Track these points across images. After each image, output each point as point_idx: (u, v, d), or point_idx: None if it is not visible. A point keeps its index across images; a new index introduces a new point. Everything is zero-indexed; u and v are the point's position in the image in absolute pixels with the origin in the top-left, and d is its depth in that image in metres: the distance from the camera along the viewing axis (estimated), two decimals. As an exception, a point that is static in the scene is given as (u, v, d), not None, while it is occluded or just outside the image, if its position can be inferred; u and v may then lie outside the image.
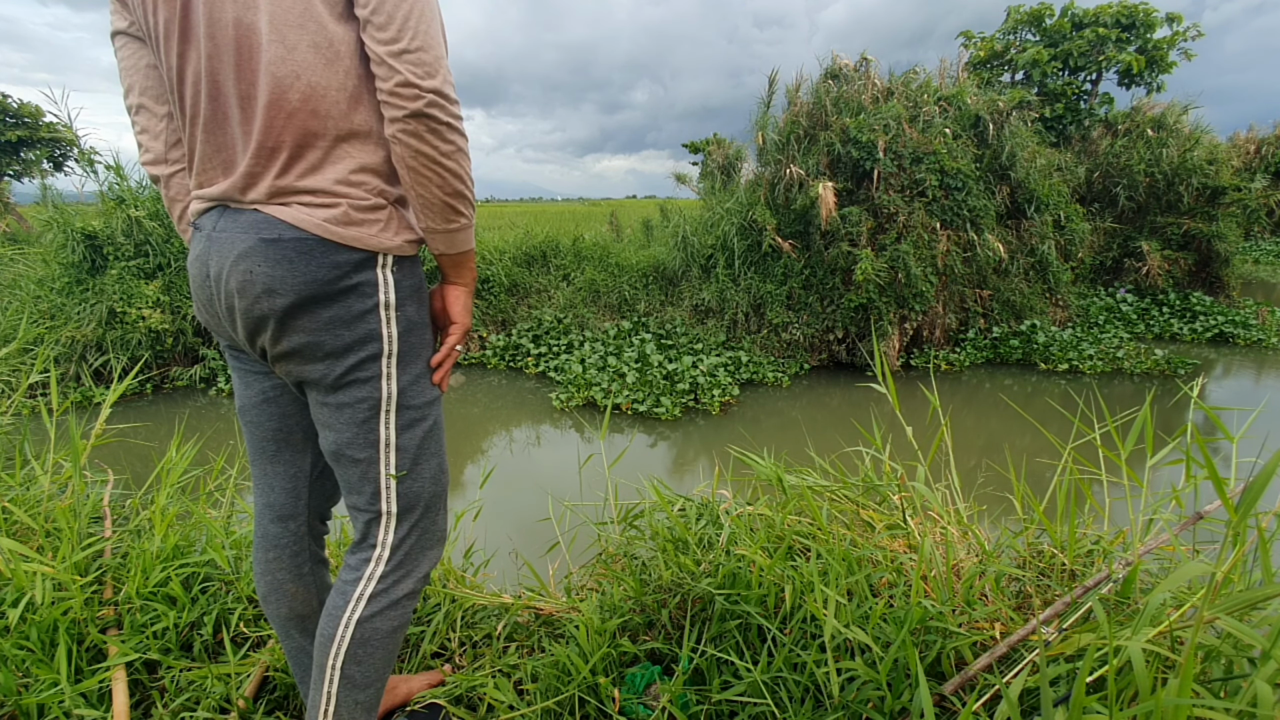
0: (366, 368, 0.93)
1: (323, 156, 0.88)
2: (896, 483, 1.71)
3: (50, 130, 15.78)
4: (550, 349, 7.36)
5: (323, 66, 0.84)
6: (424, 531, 1.03)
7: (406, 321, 0.95)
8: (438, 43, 0.85)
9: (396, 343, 0.94)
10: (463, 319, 1.04)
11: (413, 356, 0.97)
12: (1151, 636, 0.91)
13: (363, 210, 0.89)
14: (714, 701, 1.23)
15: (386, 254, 0.92)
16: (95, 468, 2.17)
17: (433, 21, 0.85)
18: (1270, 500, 0.96)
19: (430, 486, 1.02)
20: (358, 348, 0.92)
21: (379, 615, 0.98)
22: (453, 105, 0.86)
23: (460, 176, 0.90)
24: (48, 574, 1.41)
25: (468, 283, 1.03)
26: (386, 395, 0.95)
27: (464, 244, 0.97)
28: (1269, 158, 14.54)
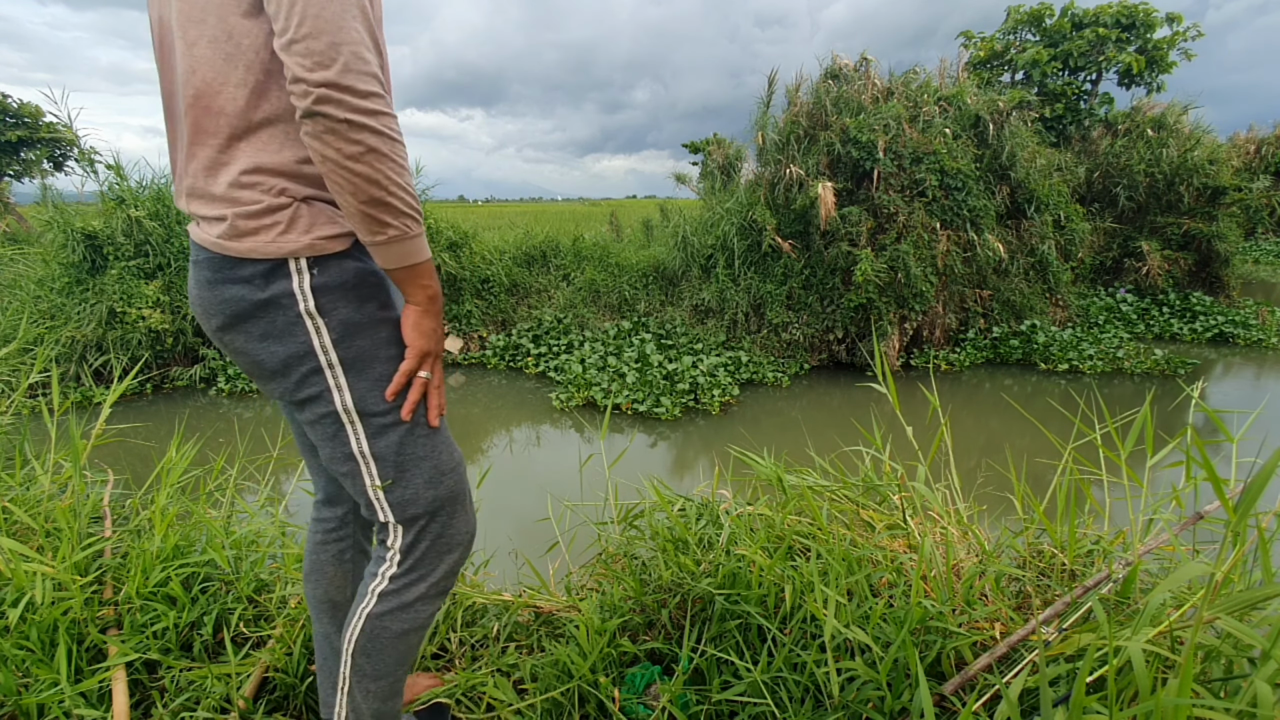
0: (312, 383, 0.88)
1: (214, 158, 0.82)
2: (896, 483, 1.71)
3: (50, 130, 15.77)
4: (550, 349, 7.36)
5: (221, 61, 0.78)
6: (436, 536, 0.98)
7: (342, 326, 0.87)
8: (336, 26, 0.72)
9: (334, 352, 0.87)
10: (416, 342, 0.91)
11: (363, 363, 0.89)
12: (1151, 636, 0.91)
13: (253, 216, 0.82)
14: (714, 701, 1.23)
15: (297, 257, 0.83)
16: (95, 468, 2.17)
17: (329, 1, 0.72)
18: (1270, 500, 0.96)
19: (427, 491, 0.96)
20: (297, 363, 0.87)
21: (389, 615, 0.98)
22: (356, 99, 0.74)
23: (376, 181, 0.77)
24: (48, 574, 1.41)
25: (421, 301, 0.89)
26: (343, 408, 0.89)
27: (403, 258, 0.84)
28: (1269, 158, 14.54)
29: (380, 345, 0.90)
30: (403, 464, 0.94)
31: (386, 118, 0.77)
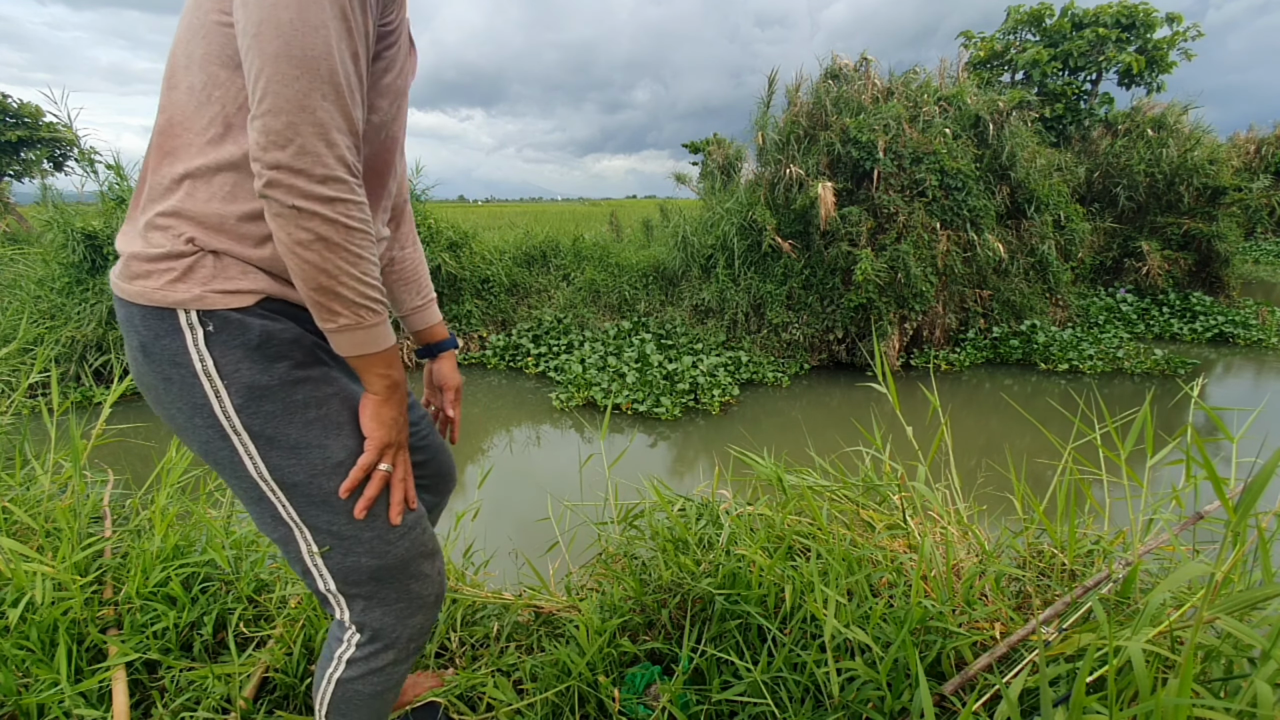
0: (219, 448, 0.80)
1: (150, 198, 0.79)
2: (896, 483, 1.71)
3: (50, 130, 15.77)
4: (550, 349, 7.36)
5: (193, 107, 0.75)
6: (392, 603, 0.89)
7: (246, 390, 0.78)
8: (297, 105, 0.67)
9: (238, 418, 0.78)
10: (375, 433, 0.84)
11: (275, 430, 0.80)
12: (1151, 636, 0.91)
13: (148, 260, 0.76)
14: (714, 701, 1.23)
15: (186, 310, 0.76)
16: (95, 468, 2.17)
17: (295, 77, 0.66)
18: (1270, 500, 0.96)
19: (371, 560, 0.85)
20: (200, 426, 0.80)
21: (360, 680, 0.92)
22: (309, 183, 0.68)
23: (325, 271, 0.72)
24: (48, 574, 1.41)
25: (380, 390, 0.83)
26: (259, 477, 0.81)
27: (357, 347, 0.78)
28: (1269, 158, 14.54)
29: (295, 409, 0.81)
30: (343, 532, 0.84)
31: (344, 204, 0.71)
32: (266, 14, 0.66)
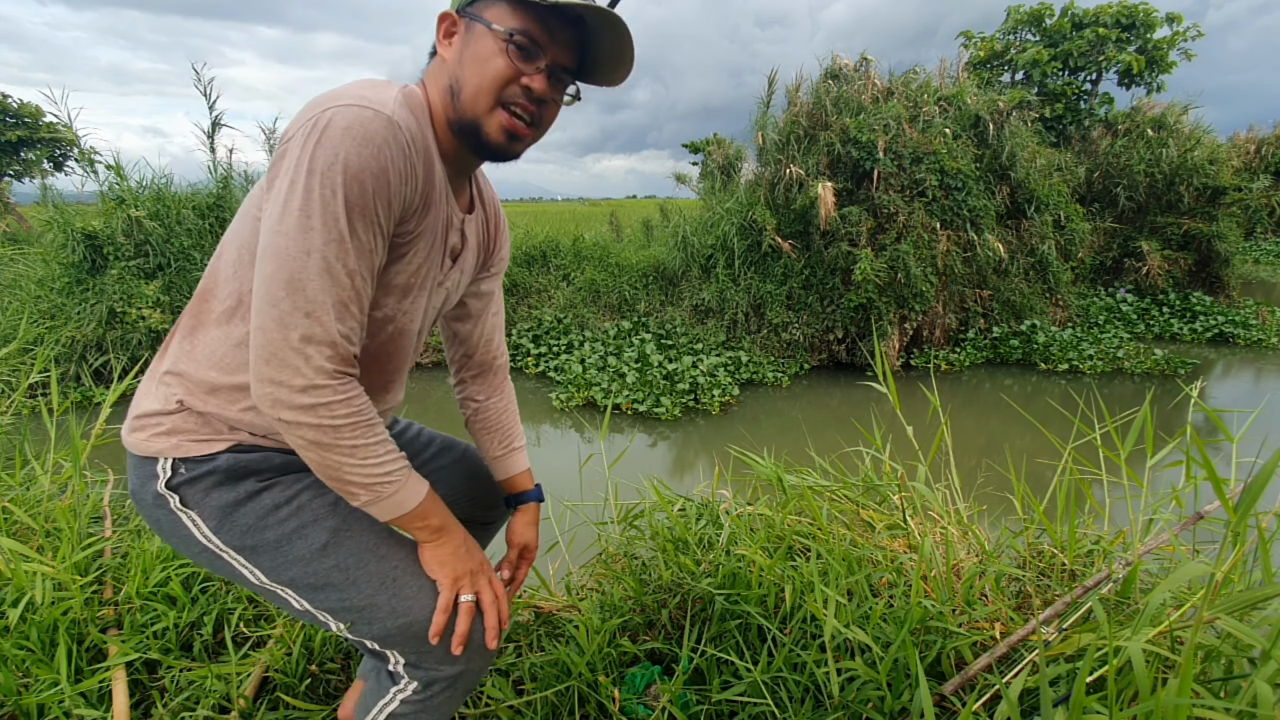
0: (221, 567, 0.89)
1: (168, 352, 0.91)
2: (896, 483, 1.71)
3: (50, 130, 15.78)
4: (550, 349, 7.36)
5: (222, 280, 0.86)
6: (437, 650, 0.91)
7: (218, 512, 0.87)
8: (277, 324, 0.73)
9: (217, 539, 0.87)
10: (439, 573, 0.90)
11: (254, 539, 0.87)
12: (1151, 637, 0.91)
13: (144, 416, 0.87)
14: (714, 701, 1.23)
15: (165, 457, 0.86)
16: (95, 468, 2.17)
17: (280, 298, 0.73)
18: (1270, 500, 0.96)
19: (397, 621, 0.88)
20: (195, 550, 0.89)
21: (413, 715, 0.95)
22: (290, 394, 0.74)
23: (328, 466, 0.79)
24: (48, 574, 1.41)
25: (426, 538, 0.90)
26: (261, 583, 0.89)
27: (385, 515, 0.85)
28: (1269, 158, 14.54)
29: (267, 513, 0.87)
30: (354, 606, 0.89)
31: (326, 407, 0.76)
32: (270, 239, 0.74)
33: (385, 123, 0.75)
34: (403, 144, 0.77)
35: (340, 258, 0.74)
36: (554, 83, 0.87)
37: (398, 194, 0.78)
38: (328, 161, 0.72)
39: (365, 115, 0.74)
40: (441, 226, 0.92)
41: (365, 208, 0.75)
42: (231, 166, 7.76)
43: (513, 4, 0.81)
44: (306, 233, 0.72)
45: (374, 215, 0.76)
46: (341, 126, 0.72)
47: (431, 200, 0.87)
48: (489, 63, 0.82)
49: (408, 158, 0.78)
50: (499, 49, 0.81)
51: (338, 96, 0.75)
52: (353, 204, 0.74)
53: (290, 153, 0.74)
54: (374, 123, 0.74)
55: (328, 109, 0.73)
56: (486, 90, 0.83)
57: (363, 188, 0.74)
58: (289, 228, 0.72)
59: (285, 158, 0.74)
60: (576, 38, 0.86)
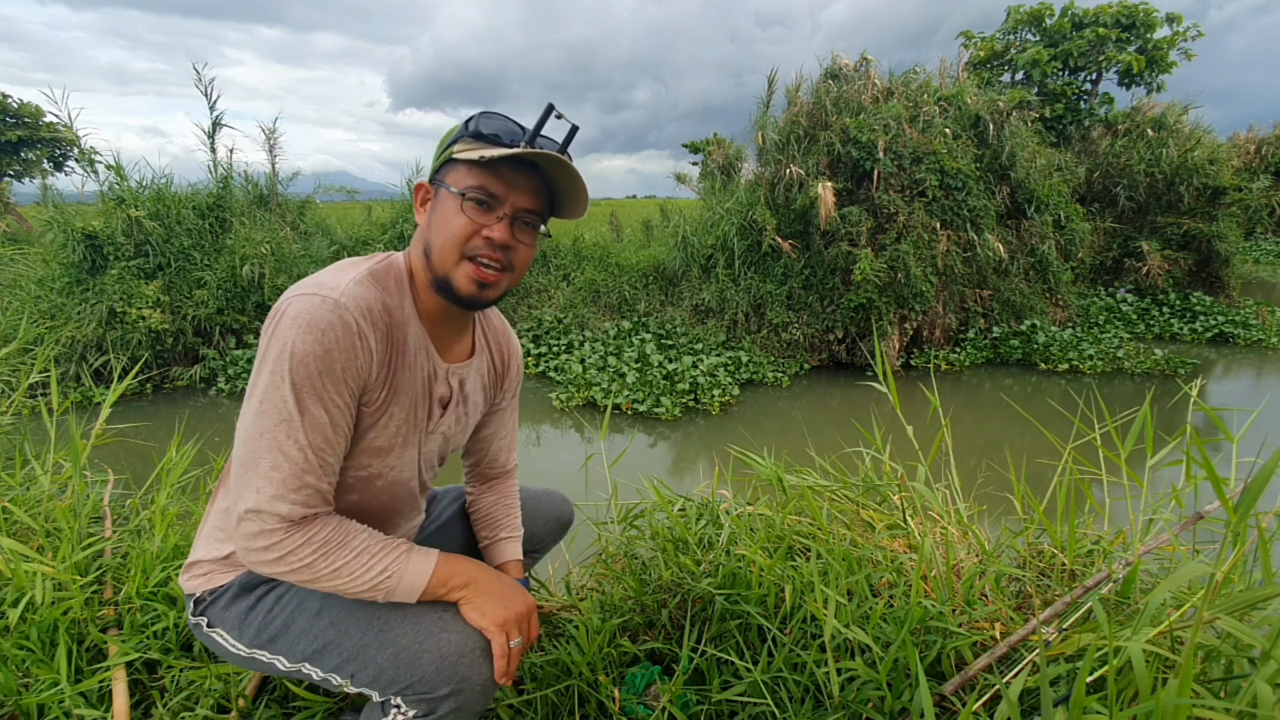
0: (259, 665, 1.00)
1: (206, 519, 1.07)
2: (896, 483, 1.71)
3: (50, 130, 15.78)
4: (550, 349, 7.36)
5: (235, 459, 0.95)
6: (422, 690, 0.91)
7: (237, 622, 0.99)
8: (238, 495, 0.84)
9: (243, 644, 0.99)
10: (482, 623, 0.93)
11: (272, 631, 0.97)
12: (1151, 636, 0.91)
13: (191, 564, 1.03)
14: (714, 701, 1.23)
15: (193, 594, 1.03)
16: (95, 468, 2.16)
17: (240, 474, 0.84)
18: (1270, 500, 0.96)
19: (383, 654, 0.91)
20: (240, 659, 1.01)
21: None
22: (257, 555, 0.85)
23: (329, 587, 0.88)
24: (48, 574, 1.41)
25: (460, 598, 0.94)
26: (291, 668, 0.98)
27: (406, 597, 0.91)
28: (1269, 158, 14.54)
29: (273, 603, 0.99)
30: (350, 651, 0.94)
31: (290, 554, 0.84)
32: (239, 422, 0.86)
33: (330, 308, 0.83)
34: (349, 323, 0.84)
35: (290, 436, 0.83)
36: (519, 227, 0.94)
37: (348, 370, 0.86)
38: (278, 350, 0.82)
39: (313, 303, 0.83)
40: (421, 384, 1.00)
41: (313, 388, 0.83)
42: (231, 166, 7.77)
43: (468, 164, 0.90)
44: (260, 416, 0.83)
45: (324, 392, 0.84)
46: (291, 316, 0.83)
47: (400, 365, 0.95)
48: (451, 221, 0.91)
49: (356, 334, 0.85)
50: (457, 207, 0.90)
51: (301, 286, 0.86)
52: (300, 386, 0.82)
53: (261, 343, 0.86)
54: (319, 309, 0.83)
55: (286, 299, 0.84)
56: (451, 246, 0.91)
57: (308, 370, 0.82)
58: (248, 411, 0.84)
59: (260, 344, 0.86)
60: (538, 181, 0.94)
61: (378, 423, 0.95)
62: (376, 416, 0.95)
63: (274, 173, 8.27)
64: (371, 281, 0.91)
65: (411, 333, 0.97)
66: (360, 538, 0.90)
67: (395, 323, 0.93)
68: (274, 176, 8.27)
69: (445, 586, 0.93)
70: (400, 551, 0.92)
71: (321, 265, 7.33)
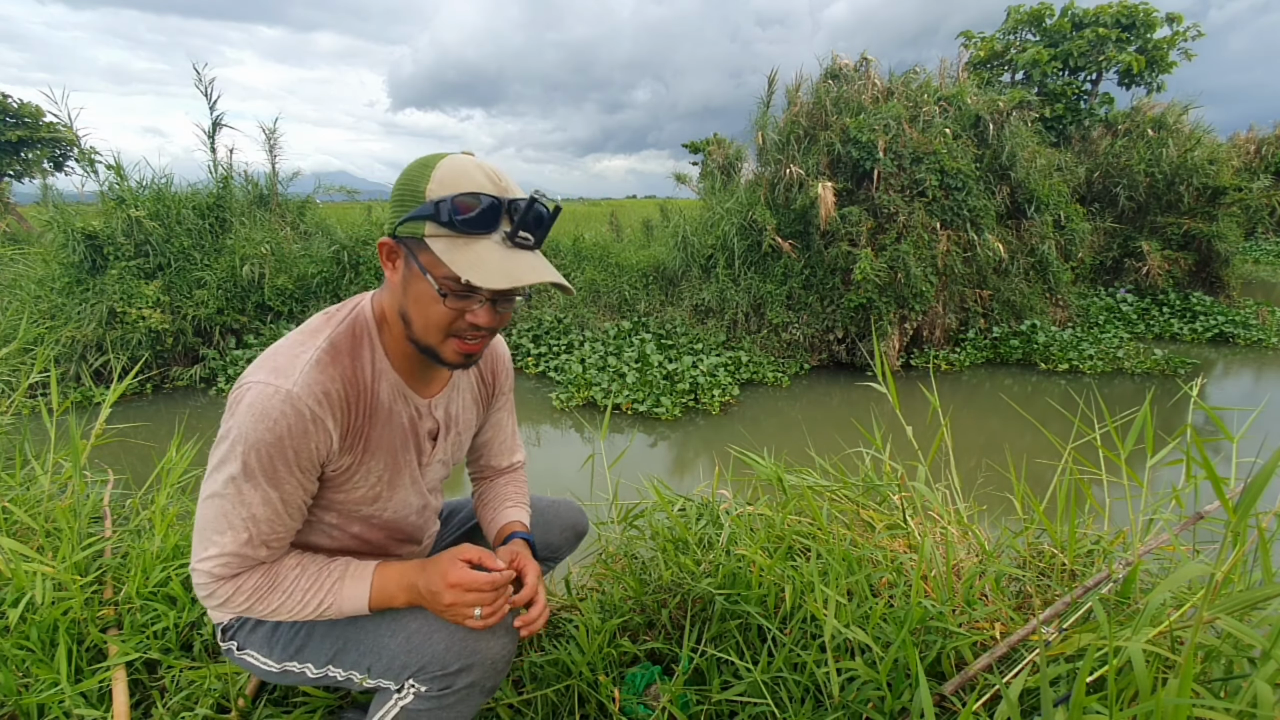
0: (291, 678, 1.05)
1: None
2: (896, 483, 1.71)
3: (50, 130, 15.77)
4: (550, 349, 7.36)
5: None
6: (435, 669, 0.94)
7: (263, 641, 1.03)
8: (195, 557, 0.91)
9: (274, 659, 1.03)
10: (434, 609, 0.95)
11: (296, 645, 1.02)
12: (1151, 637, 0.91)
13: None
14: (714, 701, 1.23)
15: (219, 624, 1.06)
16: (95, 468, 2.16)
17: (197, 534, 0.91)
18: (1270, 500, 0.96)
19: (394, 639, 0.95)
20: (273, 675, 1.05)
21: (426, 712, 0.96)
22: (210, 602, 0.93)
23: (262, 615, 0.94)
24: (48, 574, 1.41)
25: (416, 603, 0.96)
26: (322, 674, 1.02)
27: (354, 614, 0.97)
28: (1269, 158, 14.53)
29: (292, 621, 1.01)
30: (367, 648, 0.98)
31: (230, 600, 0.92)
32: (203, 483, 0.90)
33: (282, 399, 0.85)
34: (301, 412, 0.86)
35: (236, 509, 0.88)
36: (503, 302, 0.92)
37: (301, 453, 0.88)
38: (234, 433, 0.86)
39: (265, 393, 0.85)
40: (404, 430, 1.02)
41: (265, 470, 0.87)
42: (231, 166, 7.77)
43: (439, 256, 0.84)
44: (211, 485, 0.88)
45: (275, 473, 0.87)
46: (247, 404, 0.85)
47: (372, 425, 0.96)
48: (431, 308, 0.88)
49: (309, 421, 0.87)
50: (435, 295, 0.86)
51: (259, 369, 0.88)
52: (250, 467, 0.86)
53: (224, 415, 0.89)
54: (271, 401, 0.85)
55: (246, 383, 0.87)
56: (434, 329, 0.90)
57: (259, 455, 0.86)
58: (207, 479, 0.89)
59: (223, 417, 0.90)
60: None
61: (353, 479, 0.98)
62: (351, 475, 0.97)
63: (274, 173, 8.27)
64: (329, 358, 0.90)
65: (385, 388, 0.97)
66: (290, 577, 0.94)
67: (361, 390, 0.94)
68: (274, 176, 8.27)
69: (389, 602, 0.97)
70: (334, 580, 0.95)
71: (321, 265, 7.37)
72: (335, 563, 0.98)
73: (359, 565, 0.98)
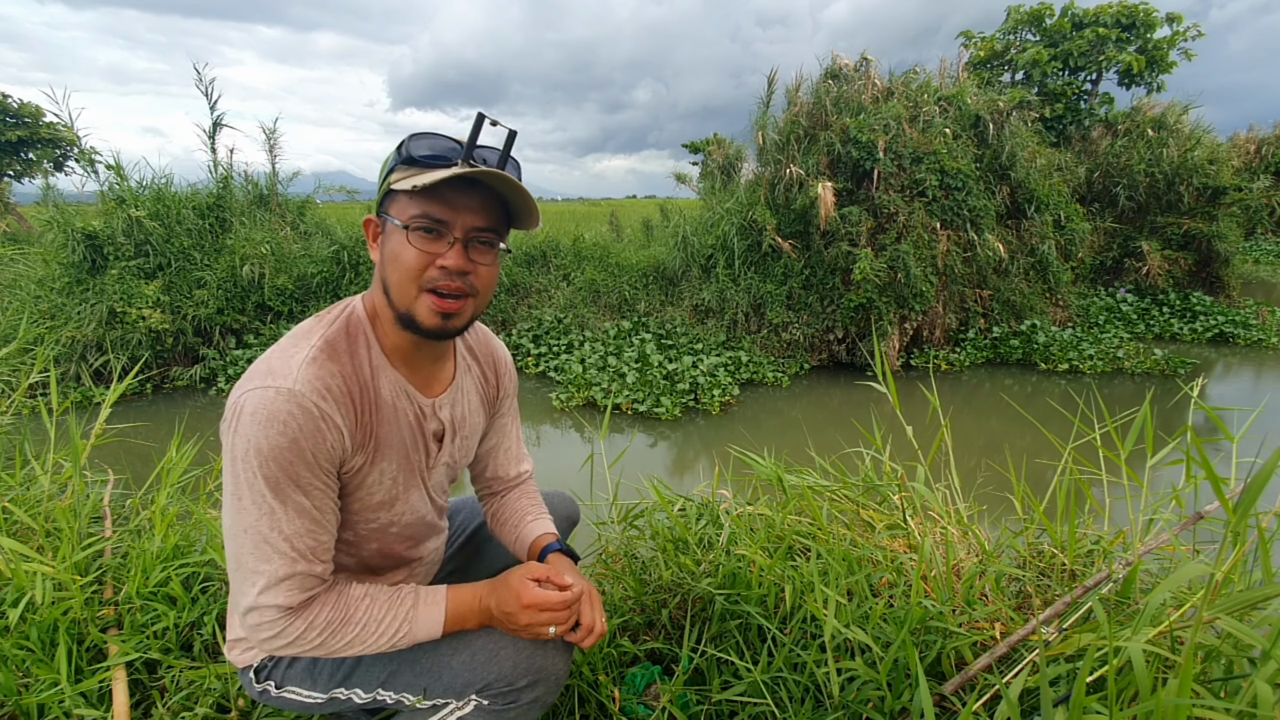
0: (340, 705, 1.02)
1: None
2: (896, 483, 1.70)
3: (50, 130, 15.78)
4: (550, 349, 7.36)
5: None
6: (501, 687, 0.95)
7: (302, 676, 1.00)
8: (236, 597, 0.87)
9: (320, 690, 1.00)
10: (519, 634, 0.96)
11: (343, 674, 0.99)
12: (1151, 637, 0.91)
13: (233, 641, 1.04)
14: (714, 701, 1.23)
15: (250, 665, 1.02)
16: (95, 468, 2.16)
17: (233, 573, 0.87)
18: (1270, 500, 0.96)
19: (457, 657, 0.95)
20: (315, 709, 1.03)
21: None
22: (270, 644, 0.88)
23: (329, 654, 0.91)
24: (48, 574, 1.41)
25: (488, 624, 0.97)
26: (370, 700, 1.00)
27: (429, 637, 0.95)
28: (1269, 157, 14.53)
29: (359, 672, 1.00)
30: (425, 669, 0.97)
31: (302, 638, 0.87)
32: (224, 518, 0.86)
33: (285, 398, 0.82)
34: (308, 409, 0.83)
35: (274, 527, 0.83)
36: (475, 248, 0.89)
37: (318, 453, 0.85)
38: (243, 449, 0.81)
39: (266, 396, 0.81)
40: (409, 430, 0.99)
41: (288, 477, 0.83)
42: (231, 166, 7.77)
43: (407, 194, 0.85)
44: (240, 513, 0.83)
45: (299, 479, 0.84)
46: (249, 413, 0.81)
47: (378, 422, 0.93)
48: (401, 255, 0.87)
49: (318, 418, 0.84)
50: (404, 239, 0.86)
51: (252, 377, 0.84)
52: (272, 478, 0.82)
53: (223, 440, 0.84)
54: (275, 402, 0.81)
55: (240, 394, 0.83)
56: (407, 281, 0.87)
57: (279, 462, 0.81)
58: (228, 510, 0.84)
59: (223, 439, 0.85)
60: (486, 197, 0.88)
61: (368, 481, 0.95)
62: (365, 476, 0.95)
63: (274, 173, 8.27)
64: (325, 355, 0.88)
65: (385, 385, 0.94)
66: (362, 608, 0.92)
67: (362, 386, 0.91)
68: (274, 176, 8.27)
69: (462, 625, 0.96)
70: (407, 608, 0.94)
71: (321, 265, 7.37)
72: (404, 589, 0.97)
73: (429, 591, 0.97)
